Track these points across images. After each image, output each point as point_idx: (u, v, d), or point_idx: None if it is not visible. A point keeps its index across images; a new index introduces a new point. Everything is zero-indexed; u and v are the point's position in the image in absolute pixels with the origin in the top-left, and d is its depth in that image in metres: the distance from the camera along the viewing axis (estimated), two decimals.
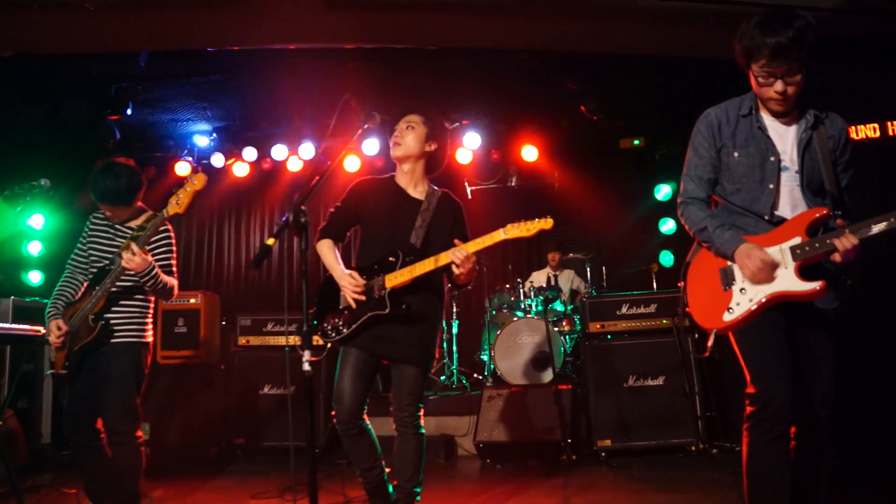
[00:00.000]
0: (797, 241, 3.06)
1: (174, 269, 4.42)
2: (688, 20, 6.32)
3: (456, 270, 3.68)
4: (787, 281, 3.05)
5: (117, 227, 4.42)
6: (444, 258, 3.71)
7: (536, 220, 3.62)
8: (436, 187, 4.16)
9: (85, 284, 4.40)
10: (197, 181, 4.10)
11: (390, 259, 3.86)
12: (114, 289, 4.18)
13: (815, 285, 2.99)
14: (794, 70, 3.05)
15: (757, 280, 3.07)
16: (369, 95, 7.51)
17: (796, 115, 3.26)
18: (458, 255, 3.64)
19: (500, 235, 3.67)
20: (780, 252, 3.08)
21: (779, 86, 3.08)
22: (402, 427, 3.92)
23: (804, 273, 3.03)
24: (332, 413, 3.90)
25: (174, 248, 4.44)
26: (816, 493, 3.18)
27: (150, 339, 4.42)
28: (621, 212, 9.30)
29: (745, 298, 3.13)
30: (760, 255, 3.06)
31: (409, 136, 4.03)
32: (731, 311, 3.16)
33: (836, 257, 2.96)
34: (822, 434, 3.15)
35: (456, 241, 3.73)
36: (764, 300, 3.08)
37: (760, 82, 3.13)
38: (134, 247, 4.02)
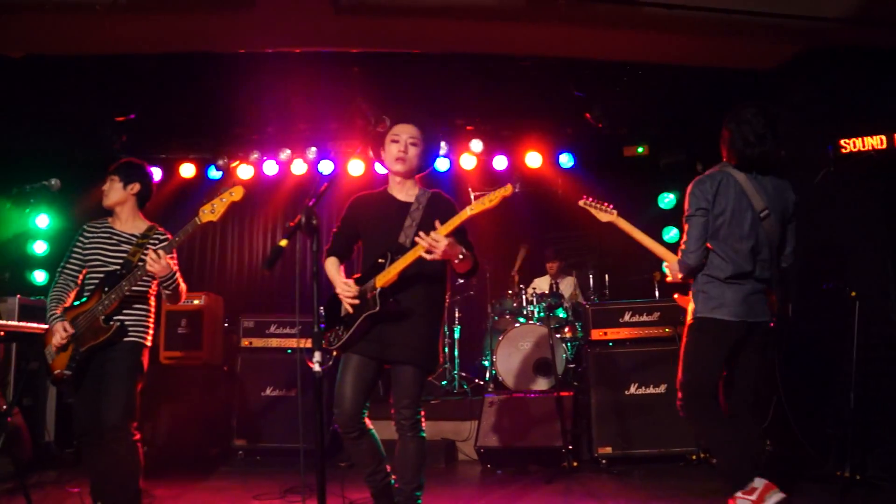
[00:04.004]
0: None
1: (178, 272, 4.50)
2: (693, 28, 6.35)
3: (428, 256, 3.68)
4: None
5: (120, 233, 4.52)
6: (418, 248, 3.74)
7: (497, 189, 3.63)
8: (427, 189, 4.22)
9: (75, 291, 4.47)
10: (235, 192, 4.13)
11: (380, 261, 3.94)
12: (127, 292, 4.26)
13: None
14: None
15: None
16: (375, 100, 7.56)
17: None
18: (427, 240, 3.66)
19: (466, 213, 3.69)
20: None
21: None
22: (401, 430, 3.95)
23: None
24: (334, 417, 3.95)
25: (175, 252, 4.51)
26: None
27: (150, 343, 4.51)
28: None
29: None
30: None
31: (413, 153, 4.10)
32: None
33: None
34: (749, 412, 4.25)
35: (437, 224, 3.73)
36: None
37: None
38: (161, 252, 4.14)
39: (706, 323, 4.14)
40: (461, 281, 8.37)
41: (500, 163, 9.30)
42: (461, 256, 3.81)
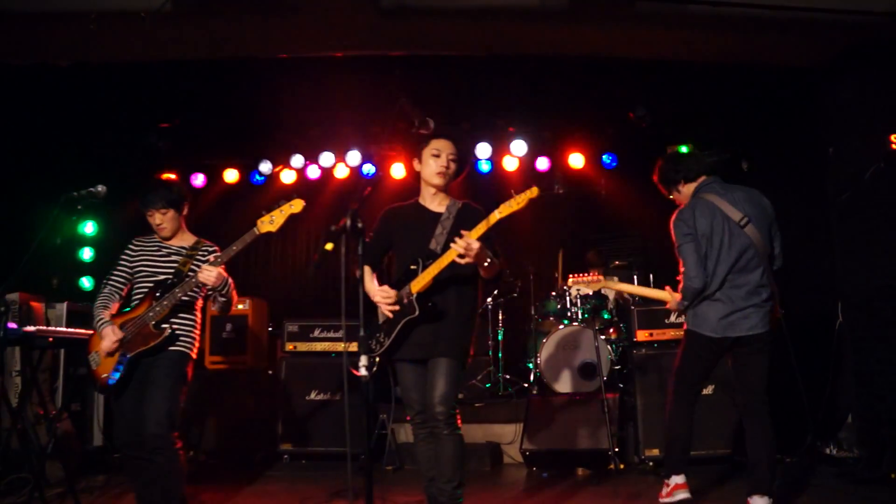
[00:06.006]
0: None
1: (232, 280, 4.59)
2: (737, 26, 6.25)
3: (461, 260, 3.81)
4: None
5: (169, 246, 4.59)
6: (452, 252, 3.84)
7: (523, 192, 3.74)
8: (457, 200, 4.32)
9: (119, 303, 4.55)
10: (295, 205, 4.23)
11: (412, 267, 4.06)
12: (181, 298, 4.33)
13: None
14: None
15: None
16: (417, 102, 7.55)
17: None
18: (460, 244, 3.76)
19: (495, 217, 3.82)
20: None
21: None
22: (436, 429, 3.96)
23: None
24: (408, 418, 4.16)
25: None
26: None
27: (196, 356, 4.57)
28: (668, 219, 9.16)
29: None
30: None
31: (452, 169, 4.22)
32: None
33: None
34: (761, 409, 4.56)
35: (462, 231, 3.82)
36: None
37: None
38: (213, 265, 4.26)
39: (691, 335, 4.73)
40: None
41: (542, 164, 9.24)
42: (489, 261, 3.91)
